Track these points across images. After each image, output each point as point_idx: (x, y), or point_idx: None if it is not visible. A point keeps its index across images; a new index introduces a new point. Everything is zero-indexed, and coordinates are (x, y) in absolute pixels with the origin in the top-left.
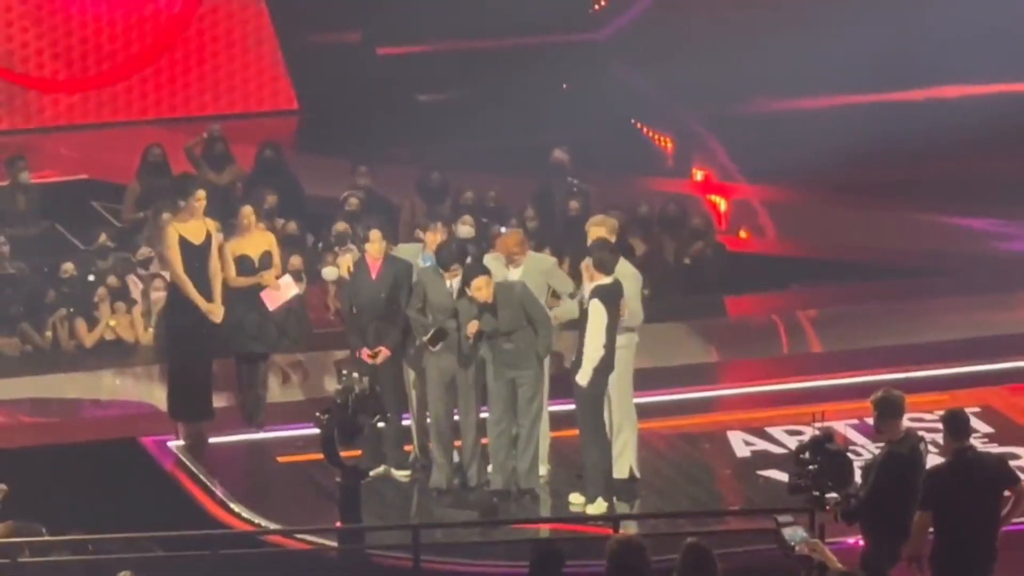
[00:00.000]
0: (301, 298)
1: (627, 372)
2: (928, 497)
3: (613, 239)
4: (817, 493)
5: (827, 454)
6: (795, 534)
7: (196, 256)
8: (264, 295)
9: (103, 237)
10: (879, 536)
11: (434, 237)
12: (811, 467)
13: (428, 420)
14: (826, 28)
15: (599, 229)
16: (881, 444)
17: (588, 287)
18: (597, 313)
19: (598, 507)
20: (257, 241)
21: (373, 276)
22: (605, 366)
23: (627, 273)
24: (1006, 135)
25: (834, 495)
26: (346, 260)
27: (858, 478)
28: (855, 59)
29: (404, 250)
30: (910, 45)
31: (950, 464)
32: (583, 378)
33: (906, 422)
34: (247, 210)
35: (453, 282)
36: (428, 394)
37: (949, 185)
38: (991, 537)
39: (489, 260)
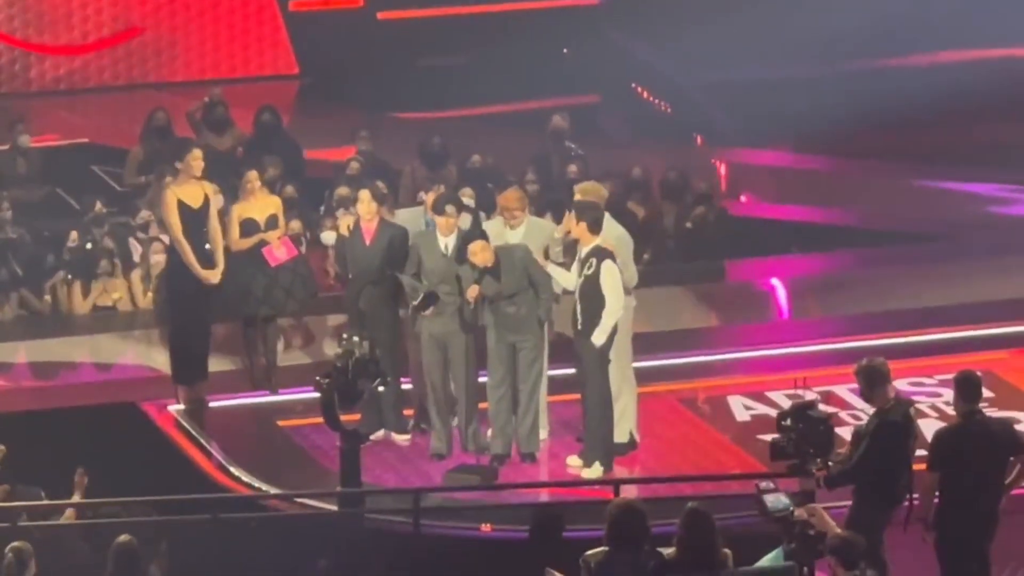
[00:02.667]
0: (306, 260)
1: (627, 336)
2: (936, 458)
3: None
4: (799, 460)
5: (809, 420)
6: (777, 501)
7: (195, 220)
8: (266, 251)
9: (98, 205)
10: (870, 502)
11: (447, 222)
12: (793, 434)
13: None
14: None
15: (589, 195)
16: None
17: (584, 249)
18: (612, 272)
19: (595, 471)
20: (263, 204)
21: (367, 241)
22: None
23: (619, 236)
24: (1006, 100)
25: (817, 461)
26: (345, 222)
27: (847, 444)
28: (855, 24)
29: (406, 214)
30: (911, 9)
31: (959, 426)
32: (600, 337)
33: (906, 387)
34: (252, 174)
35: (448, 242)
36: (423, 359)
37: (950, 150)
38: (995, 501)
39: (489, 224)
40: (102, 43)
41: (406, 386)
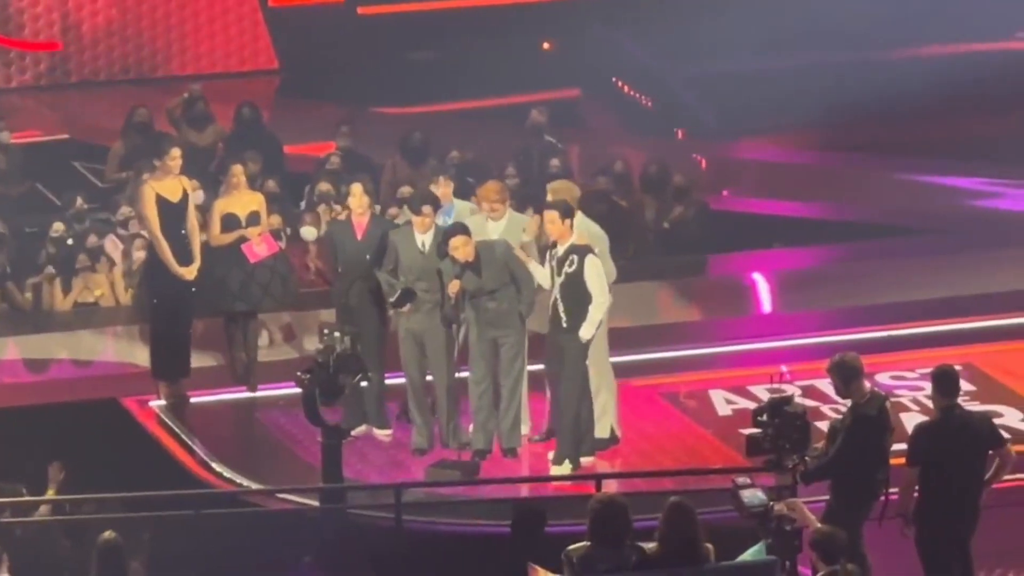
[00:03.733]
0: (287, 258)
1: (604, 332)
2: (915, 453)
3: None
4: (775, 455)
5: (785, 416)
6: (754, 497)
7: (173, 215)
8: (245, 247)
9: (79, 201)
10: (846, 496)
11: (445, 190)
12: (770, 429)
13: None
14: None
15: (561, 194)
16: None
17: (562, 247)
18: (597, 267)
19: (564, 469)
20: (246, 200)
21: (359, 236)
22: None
23: (594, 233)
24: (991, 93)
25: (793, 456)
26: (327, 218)
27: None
28: (840, 17)
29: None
30: (897, 1)
31: (938, 421)
32: (588, 331)
33: (888, 381)
34: (237, 168)
35: (424, 239)
36: (401, 355)
37: (934, 144)
38: (975, 495)
39: (470, 219)
40: (82, 39)
41: (390, 381)
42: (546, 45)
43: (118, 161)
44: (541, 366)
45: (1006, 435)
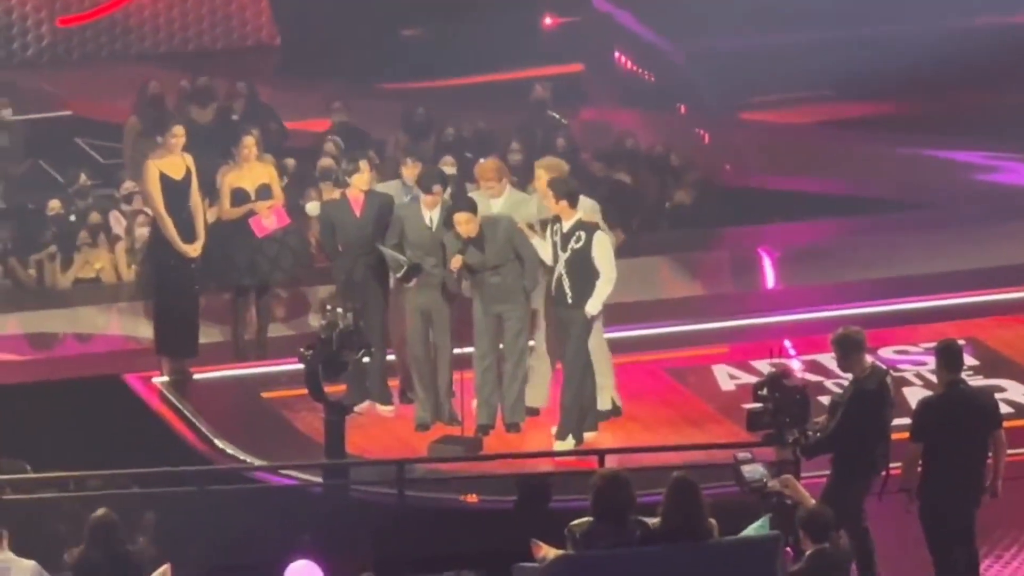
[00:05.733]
0: (299, 231)
1: None
2: (919, 428)
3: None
4: (775, 429)
5: (784, 390)
6: (755, 471)
7: (177, 192)
8: (252, 222)
9: (83, 177)
10: (847, 471)
11: (410, 172)
12: (769, 403)
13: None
14: None
15: (552, 171)
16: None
17: (567, 224)
18: (605, 243)
19: (567, 444)
20: (255, 173)
21: (357, 213)
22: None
23: (592, 207)
24: (994, 68)
25: (793, 430)
26: (329, 194)
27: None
28: None
29: (384, 188)
30: None
31: (942, 396)
32: (596, 306)
33: (891, 355)
34: (248, 140)
35: (432, 215)
36: (407, 330)
37: (935, 118)
38: (979, 470)
39: (473, 195)
40: (86, 14)
41: (392, 357)
42: (548, 20)
43: (135, 135)
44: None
45: (1010, 408)
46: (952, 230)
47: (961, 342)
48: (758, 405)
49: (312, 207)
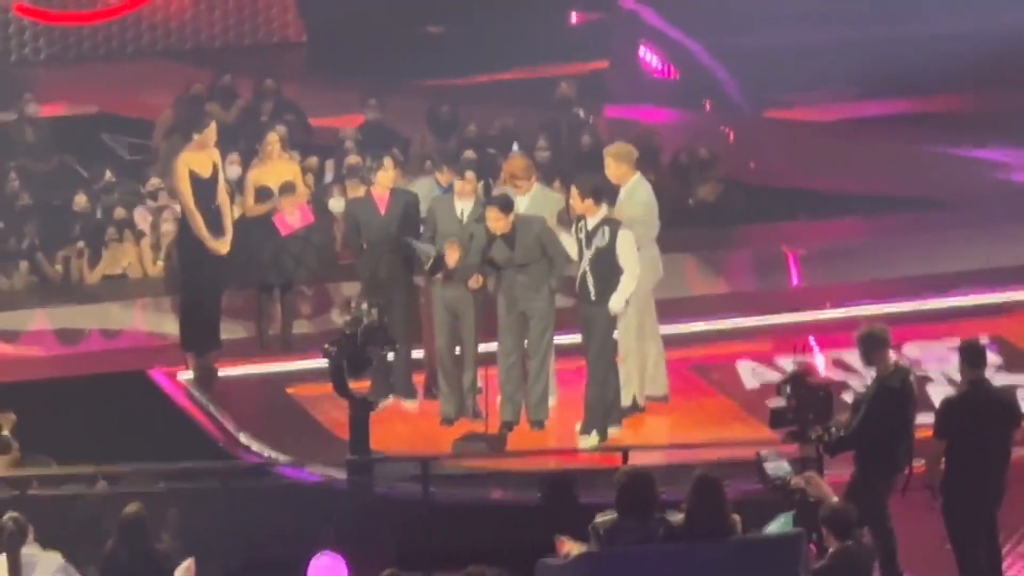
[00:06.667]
0: (324, 228)
1: (638, 302)
2: (942, 426)
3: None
4: (798, 427)
5: (808, 388)
6: (778, 468)
7: (204, 189)
8: (276, 218)
9: (108, 174)
10: (870, 468)
11: (445, 177)
12: (792, 400)
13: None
14: None
15: (622, 157)
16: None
17: (592, 221)
18: (629, 240)
19: (591, 441)
20: (279, 170)
21: (382, 211)
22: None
23: (647, 201)
24: (1018, 67)
25: (816, 428)
26: (355, 191)
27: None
28: None
29: (418, 187)
30: None
31: (965, 394)
32: (619, 303)
33: (915, 353)
34: (272, 136)
35: (464, 207)
36: (434, 324)
37: (960, 116)
38: (1002, 468)
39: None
40: (111, 12)
41: (417, 354)
42: (573, 17)
43: (165, 129)
44: (571, 337)
45: None
46: (977, 228)
47: (985, 340)
48: (781, 402)
49: (336, 204)
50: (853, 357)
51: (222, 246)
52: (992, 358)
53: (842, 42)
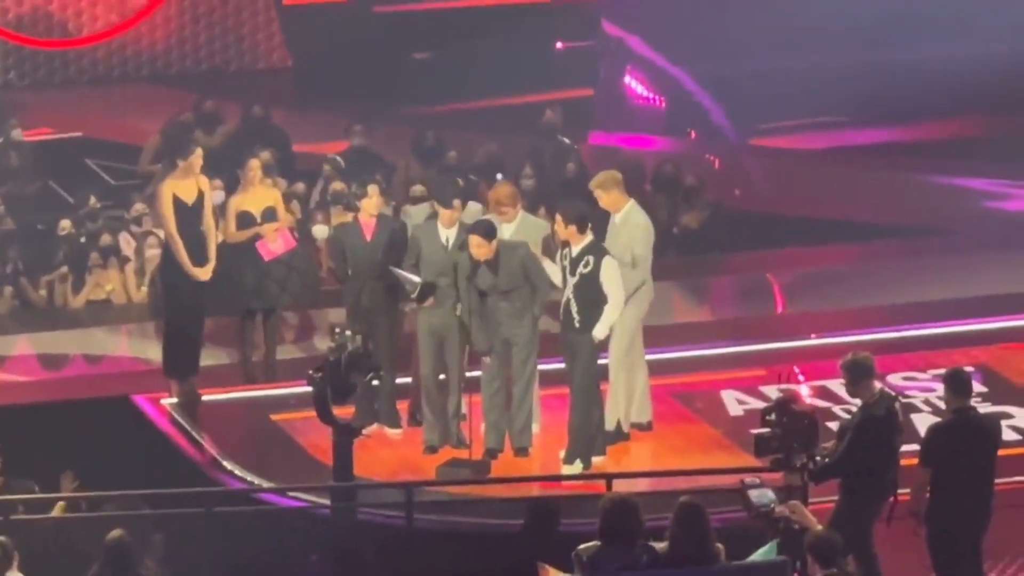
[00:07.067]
0: (307, 255)
1: (626, 328)
2: (928, 454)
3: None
4: (783, 454)
5: (793, 415)
6: (763, 496)
7: (189, 215)
8: (259, 245)
9: (92, 199)
10: (855, 496)
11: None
12: (777, 428)
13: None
14: None
15: (608, 185)
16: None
17: (576, 248)
18: (613, 268)
19: (575, 468)
20: (261, 196)
21: (368, 237)
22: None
23: (645, 225)
24: (1006, 94)
25: (801, 456)
26: (340, 218)
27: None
28: (854, 17)
29: (417, 212)
30: (909, 4)
31: (952, 422)
32: (603, 331)
33: (900, 381)
34: (253, 163)
35: (449, 235)
36: (419, 351)
37: (946, 144)
38: (987, 496)
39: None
40: (96, 36)
41: (401, 381)
42: (559, 45)
43: (152, 153)
44: (554, 365)
45: (1017, 436)
46: (963, 256)
47: (970, 369)
48: (766, 430)
49: (319, 230)
50: (836, 385)
51: (204, 272)
52: (978, 387)
53: (828, 70)
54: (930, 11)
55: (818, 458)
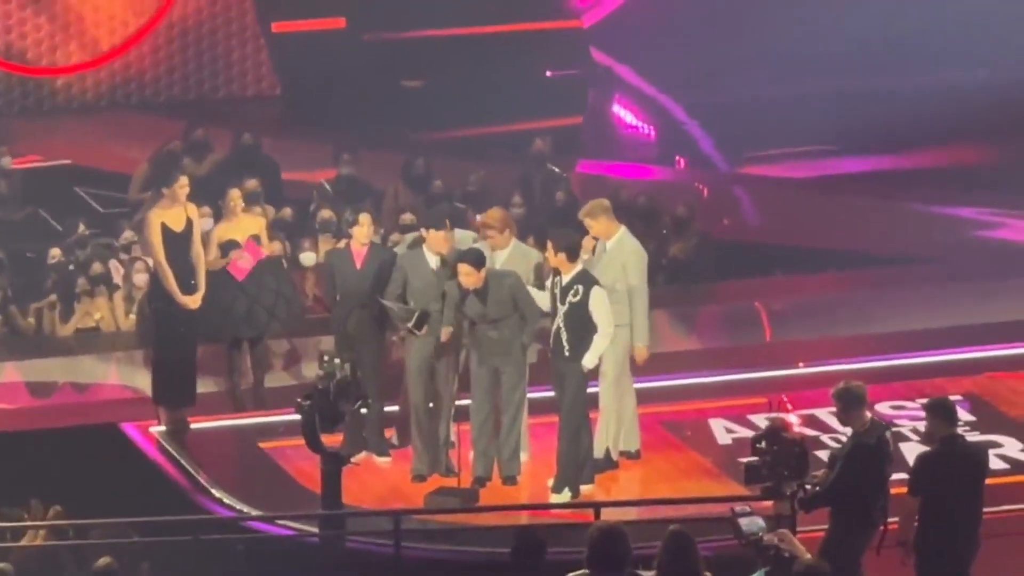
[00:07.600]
0: (292, 281)
1: (615, 357)
2: (917, 483)
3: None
4: (773, 482)
5: (783, 443)
6: (752, 524)
7: (177, 244)
8: (230, 267)
9: (81, 227)
10: (846, 525)
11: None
12: (767, 456)
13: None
14: (812, 14)
15: (596, 213)
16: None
17: (566, 277)
18: (602, 297)
19: (563, 497)
20: (245, 225)
21: (358, 265)
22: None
23: (635, 249)
24: (996, 123)
25: (791, 484)
26: (327, 246)
27: (823, 468)
28: (841, 46)
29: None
30: (898, 32)
31: (940, 451)
32: (592, 360)
33: (888, 410)
34: (235, 193)
35: (438, 261)
36: (409, 379)
37: (935, 173)
38: (975, 524)
39: (478, 245)
40: (85, 65)
41: (389, 409)
42: (548, 73)
43: (142, 182)
44: (543, 393)
45: (1006, 464)
46: (952, 285)
47: (957, 398)
48: (756, 458)
49: (307, 257)
50: (826, 414)
51: (193, 301)
52: (965, 416)
53: (817, 98)
54: (920, 39)
55: (808, 486)
